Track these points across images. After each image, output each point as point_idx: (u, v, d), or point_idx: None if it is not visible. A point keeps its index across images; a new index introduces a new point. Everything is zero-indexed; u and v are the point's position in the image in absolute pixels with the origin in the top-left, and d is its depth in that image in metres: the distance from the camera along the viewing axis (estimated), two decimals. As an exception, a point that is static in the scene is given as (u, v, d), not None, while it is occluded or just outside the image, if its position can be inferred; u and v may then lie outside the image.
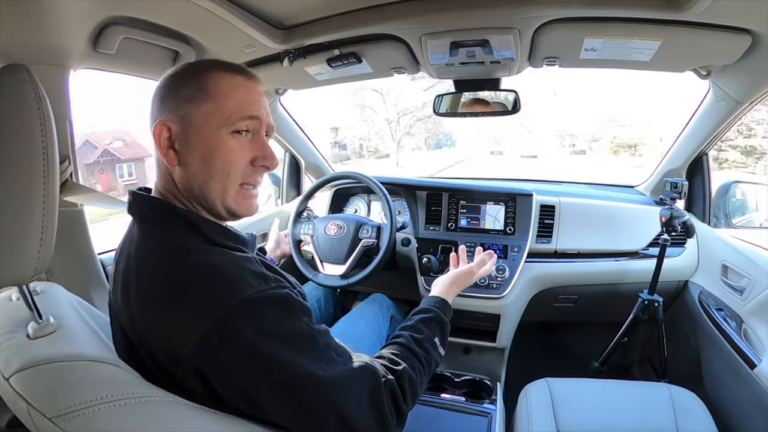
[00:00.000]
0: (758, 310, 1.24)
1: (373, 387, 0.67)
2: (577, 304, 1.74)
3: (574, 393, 1.23)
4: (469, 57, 1.22)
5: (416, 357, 0.80)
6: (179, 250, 0.61)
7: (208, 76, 0.66)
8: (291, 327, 0.61)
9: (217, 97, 0.65)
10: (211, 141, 0.65)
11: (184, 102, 0.65)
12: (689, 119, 1.54)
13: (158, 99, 0.68)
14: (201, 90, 0.65)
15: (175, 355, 0.56)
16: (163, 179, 0.69)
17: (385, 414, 0.67)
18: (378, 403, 0.67)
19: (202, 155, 0.65)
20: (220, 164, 0.66)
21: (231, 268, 0.60)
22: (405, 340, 0.82)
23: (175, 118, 0.65)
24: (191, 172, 0.66)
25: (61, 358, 0.52)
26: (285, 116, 1.83)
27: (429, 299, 0.99)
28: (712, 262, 1.52)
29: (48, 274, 0.96)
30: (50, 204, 0.55)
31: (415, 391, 0.75)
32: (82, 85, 1.11)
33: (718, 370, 1.37)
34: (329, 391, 0.61)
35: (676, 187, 1.42)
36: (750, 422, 1.17)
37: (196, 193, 0.67)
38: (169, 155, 0.66)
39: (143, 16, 0.97)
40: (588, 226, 1.65)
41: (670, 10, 0.89)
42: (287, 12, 1.07)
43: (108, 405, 0.49)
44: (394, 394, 0.70)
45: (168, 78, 0.69)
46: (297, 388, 0.59)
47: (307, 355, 0.61)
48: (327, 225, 1.57)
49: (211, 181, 0.66)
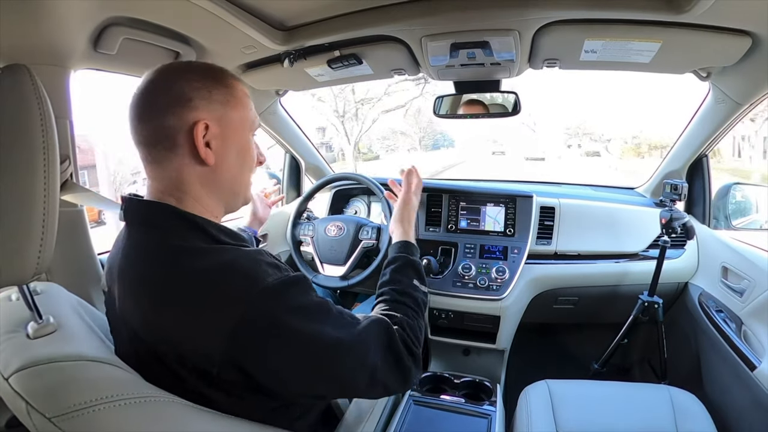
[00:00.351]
0: (758, 311, 1.24)
1: (388, 336, 0.75)
2: (577, 306, 1.74)
3: (574, 394, 1.23)
4: (470, 59, 1.22)
5: (405, 305, 0.87)
6: (190, 251, 0.62)
7: (232, 84, 0.72)
8: (309, 301, 0.66)
9: (244, 104, 0.73)
10: (243, 142, 0.74)
11: (219, 105, 0.69)
12: (689, 121, 1.54)
13: (179, 96, 0.66)
14: (232, 96, 0.71)
15: (209, 353, 0.58)
16: (165, 181, 0.68)
17: (402, 358, 0.75)
18: (395, 349, 0.74)
19: (237, 153, 0.73)
20: (249, 162, 0.76)
21: (245, 262, 0.62)
22: (389, 296, 0.89)
23: (211, 118, 0.67)
24: (226, 169, 0.71)
25: (60, 358, 0.52)
26: (285, 117, 1.83)
27: (392, 248, 1.06)
28: (712, 263, 1.52)
29: (48, 274, 0.96)
30: (51, 204, 0.55)
31: (416, 334, 0.82)
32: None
33: (717, 371, 1.37)
34: (355, 351, 0.67)
35: (676, 188, 1.42)
36: (750, 424, 1.17)
37: (225, 187, 0.72)
38: (208, 153, 0.67)
39: (144, 17, 0.97)
40: (588, 228, 1.65)
41: (670, 12, 0.89)
42: (288, 13, 1.07)
43: (107, 405, 0.49)
44: (403, 340, 0.77)
45: (190, 77, 0.68)
46: (327, 354, 0.64)
47: (328, 323, 0.66)
48: (327, 226, 1.57)
49: (241, 177, 0.75)
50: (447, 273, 1.62)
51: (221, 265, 0.60)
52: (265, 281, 0.60)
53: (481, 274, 1.57)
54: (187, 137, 0.66)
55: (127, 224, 0.70)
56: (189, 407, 0.57)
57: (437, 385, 1.47)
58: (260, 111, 1.69)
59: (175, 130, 0.65)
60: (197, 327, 0.58)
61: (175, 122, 0.65)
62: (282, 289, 0.62)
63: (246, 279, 0.60)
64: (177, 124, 0.65)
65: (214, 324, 0.57)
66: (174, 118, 0.65)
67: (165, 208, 0.66)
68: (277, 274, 0.63)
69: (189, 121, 0.65)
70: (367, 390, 0.72)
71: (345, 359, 0.66)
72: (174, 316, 0.59)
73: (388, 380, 0.73)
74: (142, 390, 0.54)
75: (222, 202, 0.74)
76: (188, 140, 0.66)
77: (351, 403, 1.03)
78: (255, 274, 0.60)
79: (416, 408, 1.29)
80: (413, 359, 0.78)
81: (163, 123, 0.65)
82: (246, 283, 0.59)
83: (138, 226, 0.68)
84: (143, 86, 0.67)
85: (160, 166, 0.68)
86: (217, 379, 0.59)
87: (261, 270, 0.61)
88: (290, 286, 0.63)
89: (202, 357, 0.58)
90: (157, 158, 0.67)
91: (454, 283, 1.59)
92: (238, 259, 0.62)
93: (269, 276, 0.61)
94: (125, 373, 0.57)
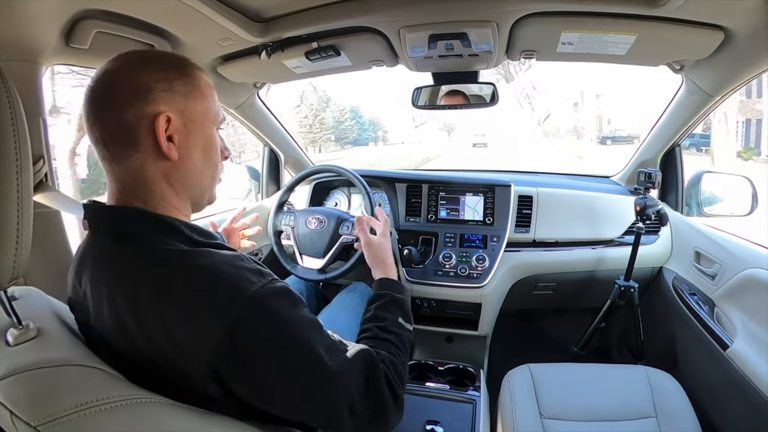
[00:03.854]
0: (729, 294, 1.28)
1: (374, 371, 0.71)
2: (555, 292, 1.78)
3: (555, 377, 1.27)
4: (448, 50, 1.22)
5: (389, 342, 0.83)
6: (166, 257, 0.59)
7: (194, 74, 0.68)
8: (298, 316, 0.63)
9: (207, 95, 0.69)
10: (208, 135, 0.69)
11: (181, 96, 0.64)
12: (663, 112, 1.58)
13: (138, 89, 0.62)
14: (195, 87, 0.67)
15: (193, 365, 0.56)
16: (128, 181, 0.64)
17: (384, 397, 0.71)
18: (378, 387, 0.71)
19: (202, 149, 0.69)
20: (215, 157, 0.72)
21: (227, 269, 0.59)
22: (372, 333, 0.85)
23: (173, 111, 0.63)
24: (191, 165, 0.67)
25: (43, 363, 0.51)
26: (263, 110, 1.80)
27: (375, 286, 1.02)
28: (685, 248, 1.57)
29: (25, 278, 0.93)
30: (25, 206, 0.54)
31: (400, 374, 0.78)
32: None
33: (692, 351, 1.42)
34: (341, 379, 0.64)
35: (650, 177, 1.47)
36: (723, 399, 1.22)
37: (191, 183, 0.68)
38: (170, 147, 0.63)
39: (117, 9, 0.94)
40: (565, 216, 1.69)
41: (645, 6, 0.92)
42: (265, 4, 1.05)
43: (93, 409, 0.48)
44: (387, 378, 0.73)
45: (150, 68, 0.64)
46: (314, 376, 0.62)
47: (317, 341, 0.64)
48: (308, 218, 1.57)
49: (207, 173, 0.71)
50: (428, 262, 1.63)
51: (202, 270, 0.58)
52: (249, 290, 0.58)
53: (461, 263, 1.60)
54: (148, 132, 0.62)
55: (93, 233, 0.66)
56: (177, 407, 0.57)
57: (422, 373, 1.49)
58: (238, 104, 1.67)
59: (135, 124, 0.61)
60: (182, 337, 0.56)
61: (135, 116, 0.61)
62: (267, 299, 0.59)
63: (229, 288, 0.57)
64: (137, 119, 0.61)
65: (198, 334, 0.55)
66: (133, 112, 0.61)
67: (133, 213, 0.63)
68: (261, 281, 0.60)
69: (150, 114, 0.61)
70: (345, 422, 0.66)
71: (330, 385, 0.63)
72: (159, 327, 0.56)
73: (364, 415, 0.68)
74: (128, 392, 0.53)
75: (189, 199, 0.70)
76: (150, 135, 0.62)
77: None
78: (238, 282, 0.58)
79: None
80: (394, 399, 0.74)
81: (122, 118, 0.61)
82: (229, 293, 0.57)
83: (106, 234, 0.64)
84: (98, 79, 0.63)
85: (121, 164, 0.63)
86: (200, 394, 0.57)
87: (244, 277, 0.59)
88: (275, 297, 0.61)
89: (186, 369, 0.56)
90: (117, 156, 0.63)
91: (435, 272, 1.61)
92: (218, 265, 0.59)
93: (253, 284, 0.59)
94: (110, 375, 0.56)
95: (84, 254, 0.66)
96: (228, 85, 1.50)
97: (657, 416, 1.13)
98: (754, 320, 1.15)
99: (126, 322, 0.58)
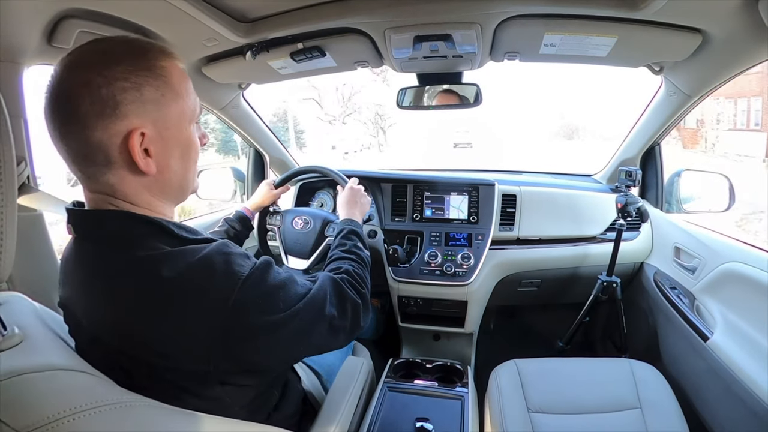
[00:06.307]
0: (709, 287, 1.32)
1: (336, 286, 0.80)
2: (540, 288, 1.81)
3: (541, 372, 1.29)
4: (432, 51, 1.23)
5: (351, 260, 0.95)
6: (158, 258, 0.58)
7: (163, 68, 0.61)
8: (281, 279, 0.68)
9: (180, 92, 0.63)
10: (185, 137, 0.66)
11: (153, 105, 0.59)
12: (642, 112, 1.62)
13: (104, 104, 0.55)
14: (167, 87, 0.61)
15: (202, 354, 0.58)
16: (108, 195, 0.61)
17: (349, 298, 0.80)
18: (343, 294, 0.79)
19: (180, 153, 0.66)
20: (194, 155, 0.70)
21: (218, 258, 0.61)
22: (336, 255, 0.97)
23: (146, 123, 0.59)
24: (171, 174, 0.65)
25: (29, 369, 0.51)
26: (249, 111, 1.79)
27: (339, 225, 1.14)
28: (666, 244, 1.61)
29: (9, 283, 0.92)
30: (8, 210, 0.53)
31: (362, 276, 0.90)
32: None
33: (673, 343, 1.46)
34: (315, 307, 0.71)
35: (631, 175, 1.50)
36: (704, 389, 1.25)
37: (173, 189, 0.68)
38: (148, 162, 0.60)
39: (101, 9, 0.93)
40: (548, 214, 1.72)
41: (626, 9, 0.94)
42: (250, 5, 1.05)
43: (81, 414, 0.48)
44: (350, 282, 0.84)
45: (113, 72, 0.56)
46: (304, 321, 0.68)
47: (298, 293, 0.70)
48: (294, 219, 1.56)
49: (189, 173, 0.70)
50: (414, 261, 1.65)
51: (195, 265, 0.59)
52: (242, 274, 0.61)
53: (447, 261, 1.61)
54: (122, 150, 0.57)
55: (79, 237, 0.64)
56: (165, 409, 0.57)
57: (410, 371, 1.50)
58: (223, 105, 1.66)
59: (105, 143, 0.56)
60: (187, 330, 0.57)
61: (104, 135, 0.56)
62: (257, 276, 0.63)
63: (224, 276, 0.60)
64: (107, 137, 0.56)
65: (202, 323, 0.57)
66: (101, 131, 0.56)
67: (122, 215, 0.61)
68: (248, 263, 0.64)
69: (120, 132, 0.57)
70: (330, 339, 0.75)
71: (312, 320, 0.70)
72: (156, 325, 0.57)
73: (345, 323, 0.77)
74: (116, 396, 0.53)
75: (172, 201, 0.69)
76: (124, 152, 0.58)
77: (327, 394, 1.05)
78: (230, 269, 0.61)
79: (392, 394, 1.32)
80: (360, 297, 0.83)
81: (89, 138, 0.56)
82: (225, 281, 0.60)
83: (93, 238, 0.62)
84: (55, 88, 0.56)
85: (95, 181, 0.60)
86: (214, 373, 0.61)
87: (235, 263, 0.62)
88: (262, 272, 0.65)
89: (195, 357, 0.58)
90: (90, 174, 0.59)
91: (422, 270, 1.63)
92: (210, 256, 0.60)
93: (243, 267, 0.62)
94: (98, 379, 0.56)
95: (73, 258, 0.65)
96: (213, 86, 1.49)
97: (641, 407, 1.15)
98: (733, 312, 1.18)
99: (127, 323, 0.59)
